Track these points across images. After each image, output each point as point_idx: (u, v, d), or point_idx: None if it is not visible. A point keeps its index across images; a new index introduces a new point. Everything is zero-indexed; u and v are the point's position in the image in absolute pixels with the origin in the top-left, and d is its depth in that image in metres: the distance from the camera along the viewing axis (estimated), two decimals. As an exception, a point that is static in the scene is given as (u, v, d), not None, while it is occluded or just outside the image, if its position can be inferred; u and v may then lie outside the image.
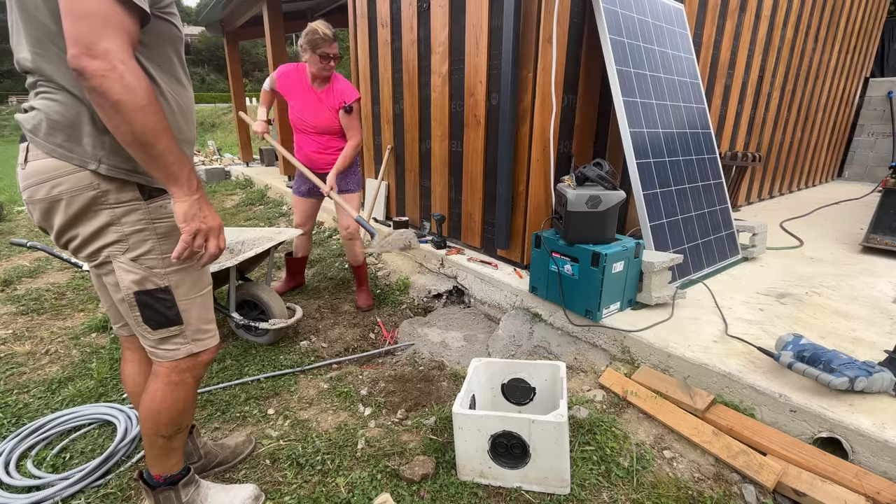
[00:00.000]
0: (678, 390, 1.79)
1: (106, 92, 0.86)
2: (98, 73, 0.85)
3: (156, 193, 1.10)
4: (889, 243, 3.21)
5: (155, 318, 1.14)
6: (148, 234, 1.09)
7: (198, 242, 1.03)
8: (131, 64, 0.89)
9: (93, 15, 0.86)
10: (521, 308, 2.54)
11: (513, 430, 1.41)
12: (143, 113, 0.90)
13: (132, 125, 0.90)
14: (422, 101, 3.29)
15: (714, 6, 3.46)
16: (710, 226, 2.90)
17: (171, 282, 1.13)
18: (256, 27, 7.24)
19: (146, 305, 1.12)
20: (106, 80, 0.86)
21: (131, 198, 1.07)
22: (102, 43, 0.86)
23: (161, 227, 1.11)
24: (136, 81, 0.89)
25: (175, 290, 1.14)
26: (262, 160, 8.52)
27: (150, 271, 1.10)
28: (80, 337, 2.56)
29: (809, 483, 1.39)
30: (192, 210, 1.01)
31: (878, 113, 6.95)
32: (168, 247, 1.11)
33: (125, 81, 0.87)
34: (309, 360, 2.31)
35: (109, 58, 0.86)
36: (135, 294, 1.11)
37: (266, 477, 1.55)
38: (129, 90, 0.88)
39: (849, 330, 2.10)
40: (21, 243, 2.28)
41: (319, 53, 2.48)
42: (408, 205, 3.72)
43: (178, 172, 0.98)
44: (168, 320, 1.15)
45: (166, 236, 1.12)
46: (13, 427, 1.82)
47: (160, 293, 1.12)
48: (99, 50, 0.85)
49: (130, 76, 0.88)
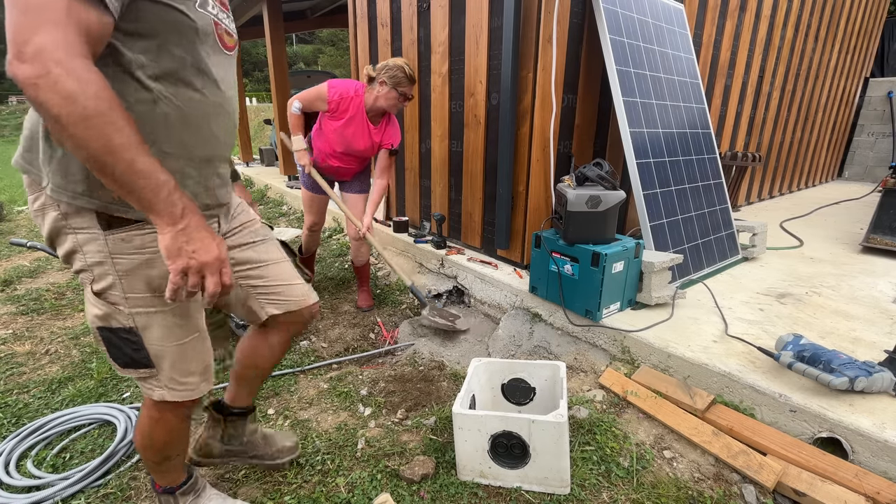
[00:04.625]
0: (678, 390, 1.79)
1: (42, 104, 0.69)
2: (28, 81, 0.68)
3: (116, 223, 0.92)
4: (889, 243, 3.21)
5: (121, 358, 1.00)
6: (108, 268, 0.93)
7: (191, 282, 0.84)
8: (73, 64, 0.70)
9: (32, 6, 0.69)
10: (521, 308, 2.54)
11: (513, 430, 1.41)
12: (88, 127, 0.71)
13: (79, 141, 0.72)
14: (422, 101, 3.29)
15: (714, 6, 3.46)
16: (710, 226, 2.90)
17: (138, 324, 0.97)
18: (256, 27, 7.24)
19: (111, 343, 0.98)
20: (38, 90, 0.68)
21: (87, 225, 0.91)
22: (34, 40, 0.68)
23: (121, 262, 0.93)
24: (77, 87, 0.70)
25: (143, 332, 0.97)
26: (262, 160, 8.51)
27: (114, 308, 0.95)
28: (80, 337, 2.56)
29: (809, 483, 1.39)
30: (177, 244, 0.81)
31: (878, 113, 6.95)
32: (133, 285, 0.95)
33: (61, 88, 0.69)
34: (309, 360, 2.31)
35: (42, 59, 0.68)
36: (97, 329, 0.98)
37: (266, 477, 1.55)
38: (67, 99, 0.69)
39: (849, 330, 2.10)
40: (21, 243, 2.28)
41: (400, 91, 2.46)
42: (408, 205, 3.73)
43: (152, 198, 0.78)
44: (135, 362, 1.00)
45: (129, 273, 0.94)
46: (13, 427, 1.82)
47: (124, 333, 0.97)
48: (28, 51, 0.68)
49: (69, 81, 0.69)
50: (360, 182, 2.82)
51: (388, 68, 2.43)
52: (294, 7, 7.12)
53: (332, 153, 2.64)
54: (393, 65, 2.43)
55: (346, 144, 2.59)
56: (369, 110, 2.54)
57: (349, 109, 2.52)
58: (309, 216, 2.92)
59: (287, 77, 6.57)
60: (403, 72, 2.43)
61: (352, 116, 2.53)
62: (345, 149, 2.61)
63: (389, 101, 2.48)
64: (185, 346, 1.03)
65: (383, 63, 2.46)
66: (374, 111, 2.55)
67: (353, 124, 2.55)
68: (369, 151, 2.65)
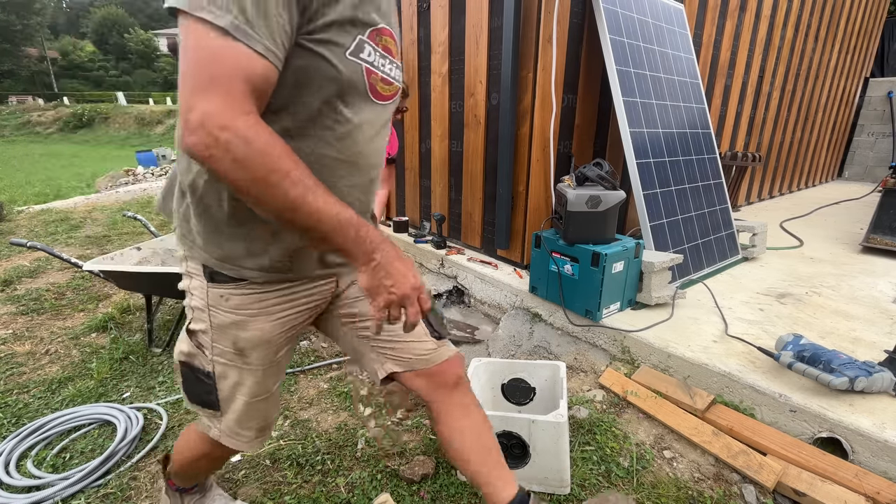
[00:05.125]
0: (678, 390, 1.79)
1: (216, 173, 0.66)
2: (199, 155, 0.64)
3: (218, 278, 0.89)
4: (889, 243, 3.21)
5: (193, 394, 1.01)
6: (204, 316, 0.93)
7: (393, 315, 0.81)
8: (238, 125, 0.64)
9: (196, 68, 0.64)
10: (521, 308, 2.54)
11: (513, 430, 1.41)
12: (263, 189, 0.67)
13: (260, 204, 0.69)
14: (422, 101, 3.29)
15: (714, 6, 3.46)
16: (710, 226, 2.90)
17: (217, 370, 0.96)
18: (256, 27, 7.23)
19: (188, 379, 1.00)
20: (212, 161, 0.64)
21: (198, 272, 0.91)
22: (198, 107, 0.63)
23: (216, 316, 0.92)
24: (245, 150, 0.64)
25: (218, 379, 0.97)
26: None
27: (200, 350, 0.96)
28: (80, 337, 2.56)
29: (809, 483, 1.39)
30: (375, 281, 0.78)
31: (878, 113, 6.94)
32: (221, 339, 0.94)
33: (231, 155, 0.64)
34: (309, 360, 2.31)
35: (207, 127, 0.63)
36: (180, 363, 0.99)
37: (266, 477, 1.55)
38: (237, 164, 0.64)
39: (849, 330, 2.10)
40: (21, 243, 2.28)
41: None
42: (408, 205, 3.73)
43: (342, 242, 0.74)
44: (204, 402, 1.00)
45: (220, 328, 0.93)
46: (13, 427, 1.81)
47: (202, 374, 0.97)
48: (193, 119, 0.63)
49: (238, 146, 0.64)
50: None
51: None
52: (294, 7, 7.11)
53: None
54: None
55: None
56: None
57: None
58: None
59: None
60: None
61: None
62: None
63: None
64: (251, 404, 1.01)
65: None
66: None
67: None
68: None
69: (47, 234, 4.72)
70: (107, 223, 5.15)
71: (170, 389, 2.06)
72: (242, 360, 0.96)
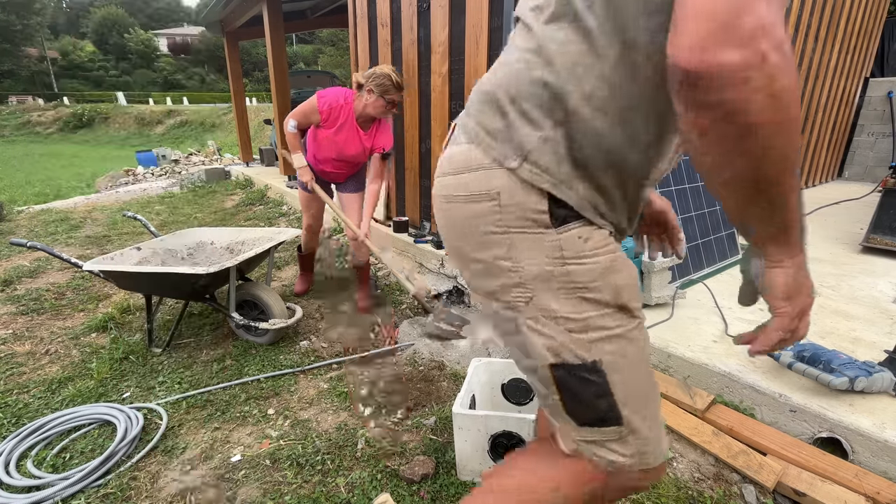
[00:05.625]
0: (678, 390, 1.79)
1: (735, 106, 0.46)
2: (733, 76, 0.44)
3: (567, 217, 0.67)
4: (889, 243, 3.21)
5: (582, 408, 0.70)
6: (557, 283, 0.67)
7: (792, 326, 0.62)
8: (787, 45, 0.45)
9: None
10: (521, 308, 2.53)
11: (513, 430, 1.41)
12: (788, 137, 0.48)
13: (764, 161, 0.49)
14: (422, 101, 3.29)
15: (714, 6, 3.45)
16: (710, 226, 2.90)
17: (604, 357, 0.68)
18: (256, 27, 7.23)
19: (567, 387, 0.70)
20: (744, 87, 0.44)
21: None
22: (756, 9, 0.43)
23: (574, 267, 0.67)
24: (788, 82, 0.45)
25: (609, 372, 0.68)
26: (262, 160, 8.51)
27: (570, 336, 0.68)
28: (80, 337, 2.56)
29: (809, 483, 1.39)
30: (797, 281, 0.60)
31: (878, 113, 6.94)
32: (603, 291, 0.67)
33: (775, 84, 0.45)
34: (309, 360, 2.31)
35: (757, 41, 0.43)
36: (552, 366, 0.69)
37: (266, 477, 1.55)
38: (773, 99, 0.45)
39: (849, 330, 2.10)
40: (21, 243, 2.28)
41: (387, 99, 2.46)
42: (408, 205, 3.73)
43: (794, 219, 0.56)
44: (598, 417, 0.70)
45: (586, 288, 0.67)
46: (13, 427, 1.82)
47: (582, 371, 0.68)
48: (746, 27, 0.43)
49: (785, 73, 0.45)
50: (356, 182, 2.84)
51: (375, 76, 2.43)
52: (294, 7, 7.11)
53: (325, 159, 2.68)
54: (380, 73, 2.43)
55: (339, 151, 2.63)
56: (359, 117, 2.56)
57: (339, 117, 2.55)
58: (307, 217, 2.95)
59: (287, 77, 6.56)
60: (390, 80, 2.43)
61: (342, 124, 2.56)
62: (337, 155, 2.64)
63: (378, 109, 2.50)
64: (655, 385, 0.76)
65: (371, 70, 2.46)
66: (363, 118, 2.57)
67: (344, 131, 2.58)
68: (361, 157, 2.68)
69: (47, 234, 4.73)
70: (107, 223, 5.15)
71: (170, 389, 2.06)
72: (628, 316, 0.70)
